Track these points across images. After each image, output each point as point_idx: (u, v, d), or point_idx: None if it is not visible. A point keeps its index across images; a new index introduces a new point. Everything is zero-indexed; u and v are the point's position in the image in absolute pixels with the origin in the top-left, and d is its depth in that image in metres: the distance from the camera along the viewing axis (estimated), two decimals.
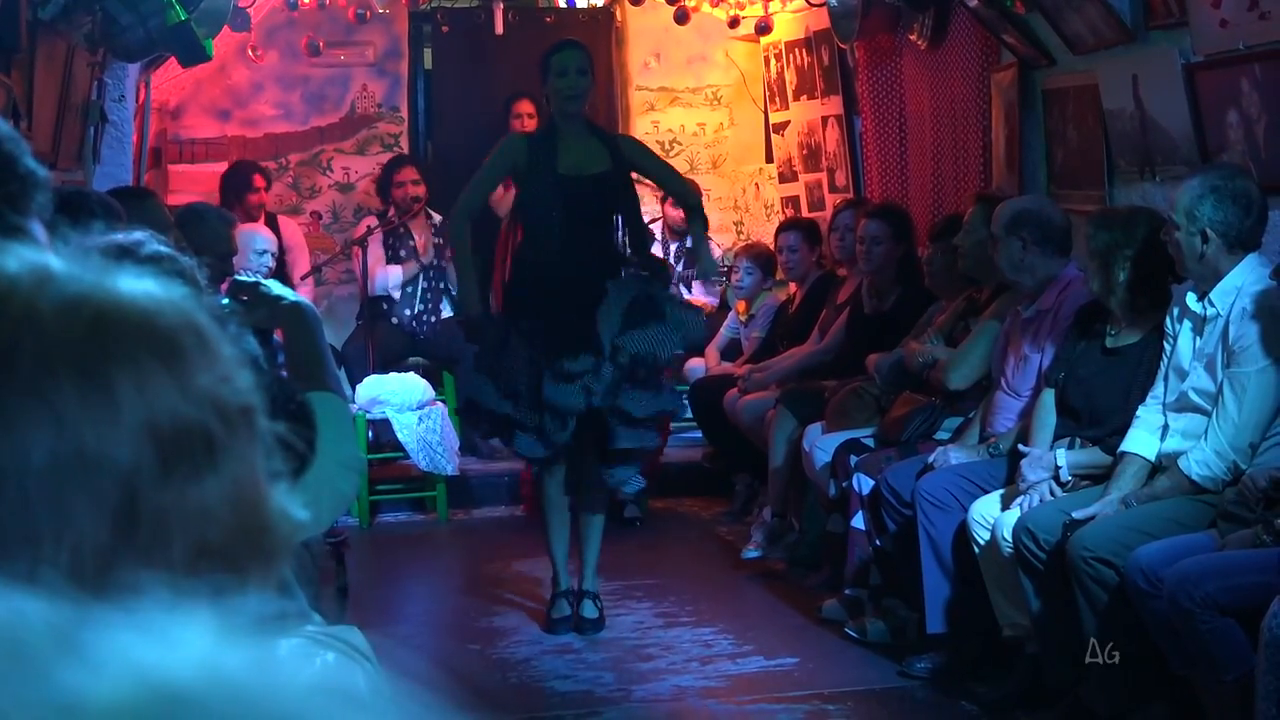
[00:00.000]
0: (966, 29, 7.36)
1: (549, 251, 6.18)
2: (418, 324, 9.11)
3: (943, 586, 5.53)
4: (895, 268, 7.19)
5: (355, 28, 9.45)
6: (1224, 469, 4.68)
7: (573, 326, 6.05)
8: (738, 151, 10.53)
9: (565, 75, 6.23)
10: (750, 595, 6.90)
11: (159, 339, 0.87)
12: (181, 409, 0.86)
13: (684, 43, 10.25)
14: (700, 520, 8.33)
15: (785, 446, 7.14)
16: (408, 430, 8.21)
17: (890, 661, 5.76)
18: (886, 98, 8.35)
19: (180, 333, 0.88)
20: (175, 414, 0.86)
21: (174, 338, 0.88)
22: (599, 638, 6.25)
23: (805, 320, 7.94)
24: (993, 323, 6.04)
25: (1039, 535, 4.92)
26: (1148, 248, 5.06)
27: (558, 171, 6.18)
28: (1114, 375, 5.22)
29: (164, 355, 0.87)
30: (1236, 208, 4.74)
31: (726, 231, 10.38)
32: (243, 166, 9.10)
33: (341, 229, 9.80)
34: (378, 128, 9.98)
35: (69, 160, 6.70)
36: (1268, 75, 5.17)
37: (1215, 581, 4.20)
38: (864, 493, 6.04)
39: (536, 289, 6.21)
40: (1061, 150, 6.68)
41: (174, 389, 0.86)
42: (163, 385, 0.86)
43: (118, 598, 0.79)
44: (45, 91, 6.15)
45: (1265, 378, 4.68)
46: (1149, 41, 5.86)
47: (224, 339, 0.93)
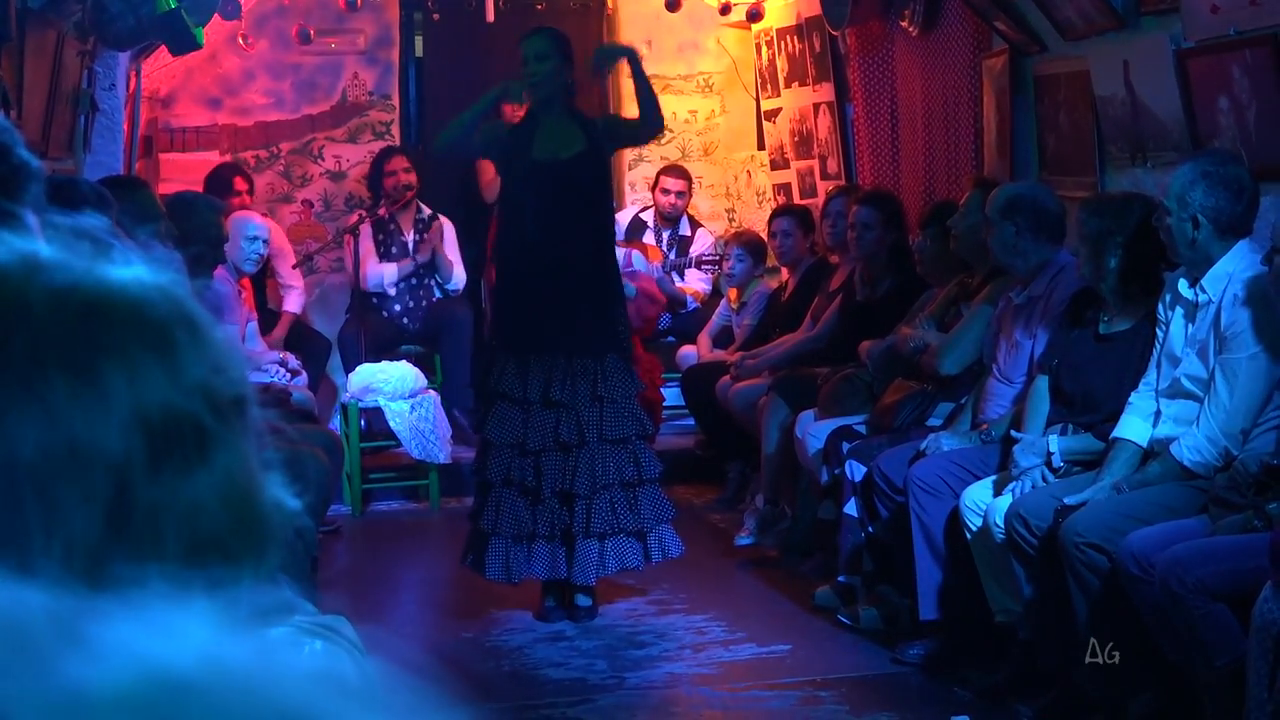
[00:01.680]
0: (958, 15, 7.36)
1: (524, 236, 6.21)
2: (409, 318, 9.09)
3: (935, 573, 5.53)
4: (887, 255, 7.19)
5: (346, 15, 9.43)
6: (1216, 455, 4.69)
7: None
8: (729, 139, 10.52)
9: (526, 63, 6.29)
10: (743, 582, 6.91)
11: (150, 329, 0.86)
12: (173, 400, 0.85)
13: (675, 30, 10.23)
14: (692, 507, 8.33)
15: (777, 433, 7.14)
16: (400, 419, 8.21)
17: (883, 648, 5.77)
18: (878, 84, 8.35)
19: (171, 322, 0.87)
20: (166, 405, 0.85)
21: (165, 328, 0.87)
22: (592, 625, 6.25)
23: (797, 307, 7.94)
24: (985, 308, 6.04)
25: (1031, 521, 4.93)
26: (1140, 234, 5.06)
27: (533, 157, 6.20)
28: (1107, 362, 5.23)
29: (155, 346, 0.86)
30: (1228, 193, 4.75)
31: (718, 219, 10.37)
32: (224, 170, 9.06)
33: (333, 217, 9.79)
34: (369, 116, 9.96)
35: (60, 149, 6.69)
36: (1258, 61, 5.17)
37: (1206, 567, 4.21)
38: (856, 479, 6.05)
39: (516, 281, 6.24)
40: (1053, 136, 6.68)
41: (165, 380, 0.85)
42: (154, 376, 0.85)
43: (113, 590, 0.79)
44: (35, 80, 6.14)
45: (1257, 364, 4.68)
46: (1140, 27, 5.86)
47: (216, 328, 0.92)
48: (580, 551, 6.16)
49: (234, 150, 9.64)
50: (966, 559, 5.34)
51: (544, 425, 6.14)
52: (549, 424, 6.13)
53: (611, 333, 6.22)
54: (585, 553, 6.16)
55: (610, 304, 6.26)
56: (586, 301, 6.17)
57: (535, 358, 6.16)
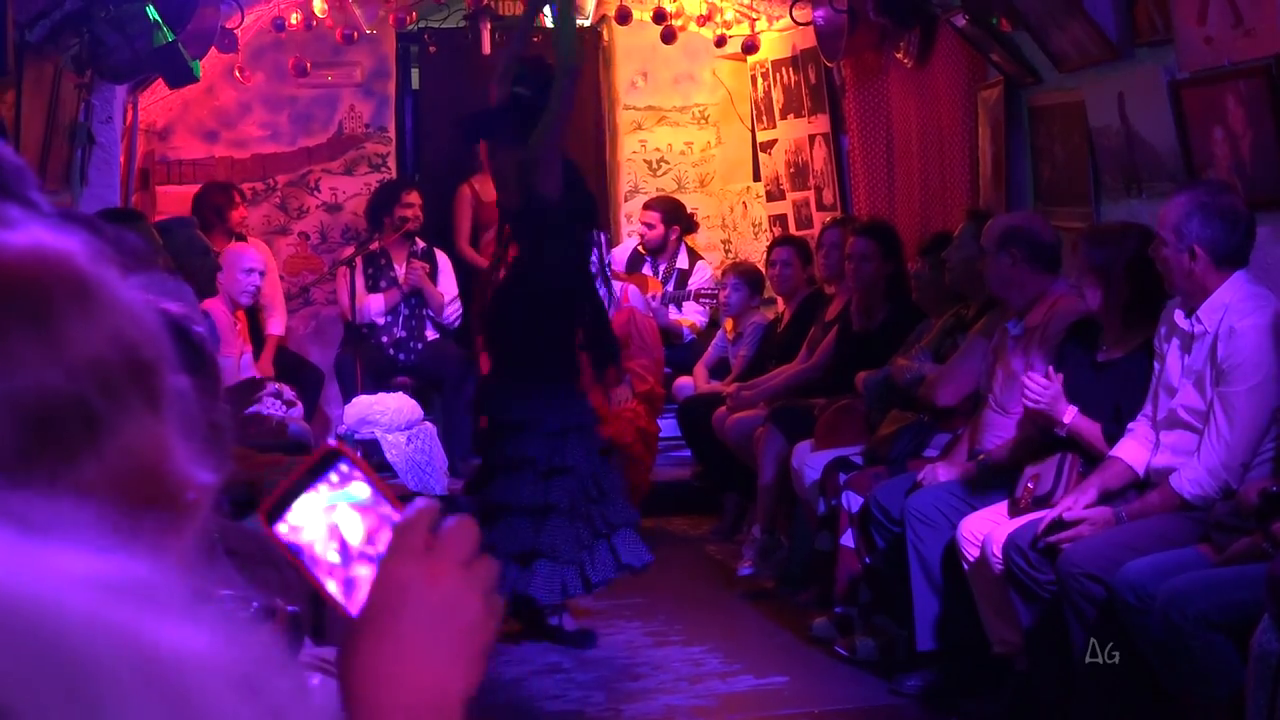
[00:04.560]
0: (953, 47, 7.37)
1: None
2: (398, 349, 9.07)
3: (932, 604, 5.52)
4: (884, 285, 7.19)
5: (342, 48, 9.45)
6: (1216, 489, 4.68)
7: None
8: (725, 170, 10.55)
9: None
10: (740, 614, 6.89)
11: (29, 300, 0.75)
12: (52, 383, 0.75)
13: (671, 62, 10.27)
14: (689, 538, 8.32)
15: (774, 464, 7.14)
16: (397, 450, 8.20)
17: (880, 679, 5.76)
18: (873, 116, 8.37)
19: (56, 291, 0.76)
20: (43, 389, 0.75)
21: (47, 297, 0.76)
22: (588, 656, 6.24)
23: (793, 339, 7.94)
24: (980, 338, 6.04)
25: (1029, 552, 4.92)
26: (1139, 263, 5.08)
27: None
28: (1104, 390, 5.23)
29: (34, 318, 0.75)
30: (1224, 224, 4.75)
31: (714, 250, 10.38)
32: (212, 188, 9.03)
33: (329, 249, 9.80)
34: (365, 148, 9.97)
35: (56, 182, 6.70)
36: (1253, 92, 5.19)
37: (1208, 599, 4.20)
38: (853, 510, 6.04)
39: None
40: (1048, 167, 6.69)
41: (43, 359, 0.75)
42: (29, 355, 0.74)
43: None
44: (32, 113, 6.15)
45: (1255, 396, 4.68)
46: (1134, 59, 5.88)
47: (123, 288, 0.80)
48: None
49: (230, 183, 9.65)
50: (964, 590, 5.33)
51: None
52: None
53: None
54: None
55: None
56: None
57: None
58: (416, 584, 1.10)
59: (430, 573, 1.11)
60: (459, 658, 1.11)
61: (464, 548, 1.13)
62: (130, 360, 0.79)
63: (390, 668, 1.09)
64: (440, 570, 1.11)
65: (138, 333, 0.80)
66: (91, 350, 0.77)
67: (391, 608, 1.10)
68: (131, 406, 0.79)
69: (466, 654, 1.12)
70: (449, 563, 1.12)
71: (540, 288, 6.25)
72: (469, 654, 1.12)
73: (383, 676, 1.08)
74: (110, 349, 0.78)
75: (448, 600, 1.11)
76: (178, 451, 0.84)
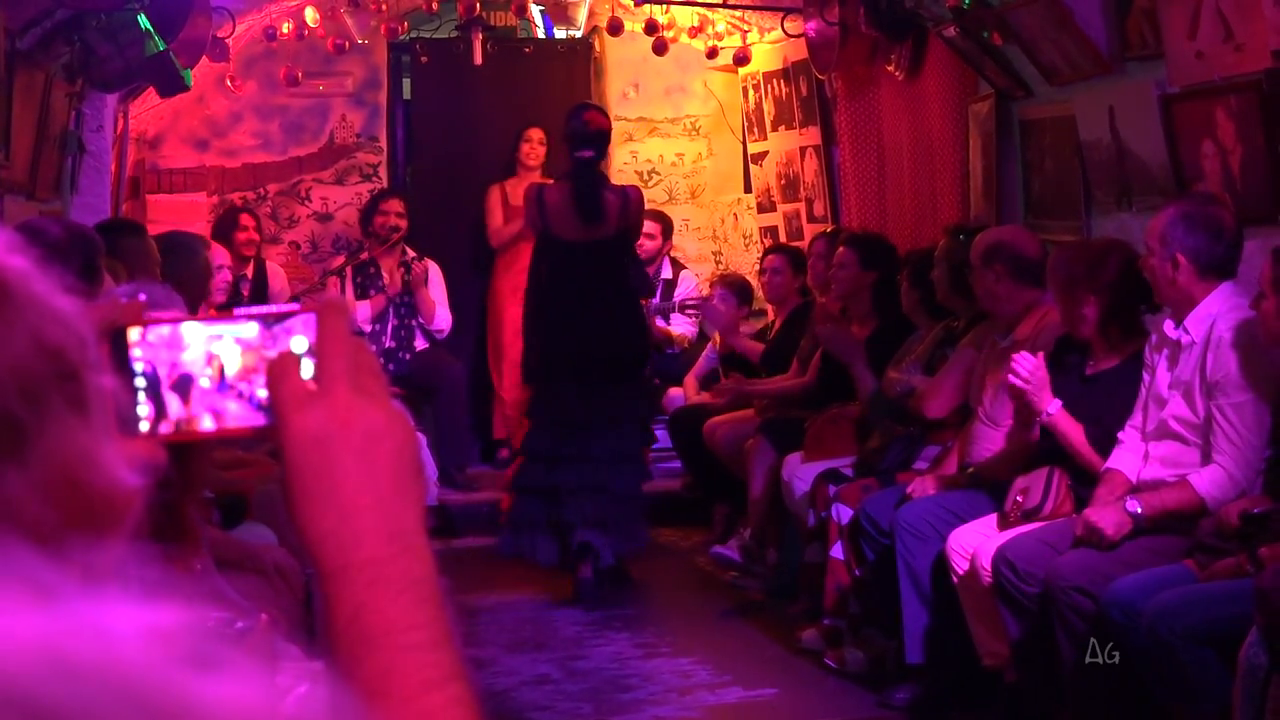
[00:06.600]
0: (944, 60, 7.39)
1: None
2: (387, 359, 9.07)
3: (921, 616, 5.52)
4: (869, 296, 7.17)
5: (334, 58, 9.45)
6: (1234, 490, 4.65)
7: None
8: (716, 181, 10.55)
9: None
10: (729, 625, 6.89)
11: None
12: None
13: (662, 73, 10.27)
14: (679, 550, 8.32)
15: (764, 476, 7.14)
16: None
17: (869, 692, 5.76)
18: (864, 128, 8.38)
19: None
20: None
21: None
22: (577, 668, 6.24)
23: (783, 347, 7.93)
24: (969, 351, 6.05)
25: (1018, 565, 4.92)
26: (1118, 280, 5.09)
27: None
28: (1093, 403, 5.23)
29: None
30: (1207, 233, 4.77)
31: (705, 261, 10.39)
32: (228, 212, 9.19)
33: (320, 259, 9.79)
34: (356, 158, 9.97)
35: (47, 190, 6.69)
36: (1243, 106, 5.20)
37: (1194, 614, 4.20)
38: (843, 522, 6.04)
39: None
40: (1039, 180, 6.70)
41: None
42: None
43: None
44: (23, 122, 6.15)
45: (1246, 411, 4.68)
46: (1125, 73, 5.89)
47: (47, 290, 0.76)
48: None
49: (221, 192, 9.66)
50: (953, 602, 5.32)
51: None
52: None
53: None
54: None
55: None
56: None
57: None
58: (331, 433, 1.02)
59: (336, 416, 1.02)
60: (401, 483, 1.04)
61: (347, 369, 1.04)
62: (54, 365, 0.76)
63: (342, 530, 1.02)
64: (340, 404, 1.03)
65: (62, 336, 0.77)
66: (11, 357, 0.73)
67: (315, 468, 1.02)
68: (56, 413, 0.75)
69: (406, 476, 1.05)
70: (344, 392, 1.03)
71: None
72: (408, 474, 1.05)
73: (338, 541, 1.02)
74: (32, 355, 0.74)
75: (367, 435, 1.03)
76: (107, 456, 0.80)
